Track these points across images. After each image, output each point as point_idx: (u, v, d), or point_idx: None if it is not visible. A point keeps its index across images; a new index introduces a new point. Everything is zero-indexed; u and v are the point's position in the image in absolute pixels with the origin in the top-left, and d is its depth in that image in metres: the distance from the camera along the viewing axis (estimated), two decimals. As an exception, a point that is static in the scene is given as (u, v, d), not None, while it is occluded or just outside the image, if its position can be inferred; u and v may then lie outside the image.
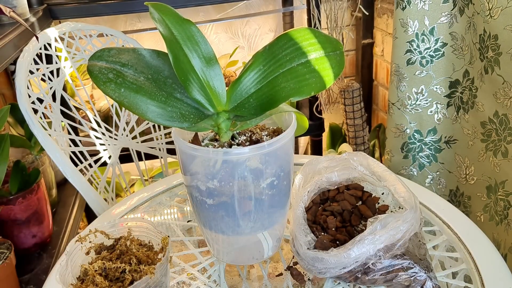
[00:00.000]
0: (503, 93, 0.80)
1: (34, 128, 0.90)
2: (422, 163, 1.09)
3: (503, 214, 0.86)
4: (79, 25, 1.14)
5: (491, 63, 0.81)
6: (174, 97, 0.53)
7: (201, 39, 0.52)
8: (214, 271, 0.65)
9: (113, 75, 0.52)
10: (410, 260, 0.55)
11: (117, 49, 0.54)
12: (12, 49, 0.96)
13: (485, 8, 0.79)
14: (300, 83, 0.52)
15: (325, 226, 0.63)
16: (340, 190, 0.68)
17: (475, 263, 0.62)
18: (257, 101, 0.53)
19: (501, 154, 0.85)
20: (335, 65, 0.52)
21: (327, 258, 0.54)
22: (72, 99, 1.13)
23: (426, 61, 0.98)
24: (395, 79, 1.03)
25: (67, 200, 1.20)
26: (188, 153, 0.51)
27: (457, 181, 1.03)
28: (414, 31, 0.95)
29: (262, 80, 0.53)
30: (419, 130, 1.06)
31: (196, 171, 0.54)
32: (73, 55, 1.12)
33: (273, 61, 0.53)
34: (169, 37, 0.50)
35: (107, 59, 0.53)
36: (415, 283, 0.55)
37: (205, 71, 0.52)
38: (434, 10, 0.92)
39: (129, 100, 0.51)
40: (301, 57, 0.53)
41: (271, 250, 0.63)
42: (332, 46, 0.53)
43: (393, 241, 0.54)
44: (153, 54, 0.54)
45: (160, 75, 0.54)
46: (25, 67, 0.96)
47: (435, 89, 1.00)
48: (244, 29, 1.66)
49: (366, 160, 0.65)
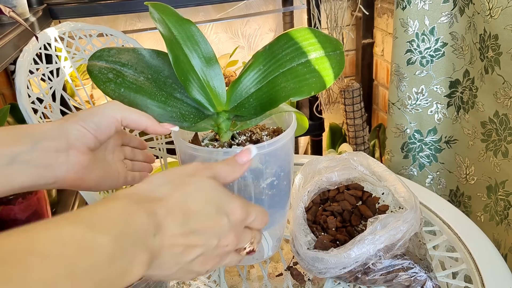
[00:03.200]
0: (503, 93, 0.80)
1: (34, 128, 0.90)
2: (422, 163, 1.09)
3: (503, 214, 0.86)
4: (79, 25, 1.14)
5: (492, 63, 0.81)
6: (174, 97, 0.53)
7: (201, 39, 0.52)
8: (214, 271, 0.65)
9: (113, 75, 0.52)
10: (410, 260, 0.55)
11: (116, 49, 0.54)
12: (11, 49, 0.96)
13: (485, 8, 0.79)
14: (300, 83, 0.52)
15: (325, 226, 0.63)
16: (340, 190, 0.68)
17: (475, 263, 0.62)
18: (257, 101, 0.53)
19: (501, 154, 0.85)
20: (335, 65, 0.52)
21: (327, 258, 0.54)
22: (72, 99, 1.13)
23: (426, 61, 0.98)
24: (395, 79, 1.03)
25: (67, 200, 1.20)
26: (189, 153, 0.51)
27: (457, 181, 1.03)
28: (414, 31, 0.95)
29: (262, 80, 0.53)
30: (419, 130, 1.06)
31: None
32: (73, 55, 1.12)
33: (273, 61, 0.53)
34: (169, 37, 0.50)
35: (107, 59, 0.53)
36: (415, 283, 0.55)
37: (205, 71, 0.52)
38: (434, 10, 0.92)
39: (129, 100, 0.51)
40: (301, 57, 0.53)
41: (271, 250, 0.63)
42: (332, 46, 0.53)
43: (393, 241, 0.54)
44: (153, 54, 0.54)
45: (160, 75, 0.54)
46: (25, 67, 0.96)
47: (435, 89, 1.00)
48: (244, 29, 1.66)
49: (366, 160, 0.65)
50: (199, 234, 0.34)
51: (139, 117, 0.44)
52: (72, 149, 0.42)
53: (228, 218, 0.36)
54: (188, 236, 0.34)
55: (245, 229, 0.39)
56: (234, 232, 0.37)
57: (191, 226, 0.34)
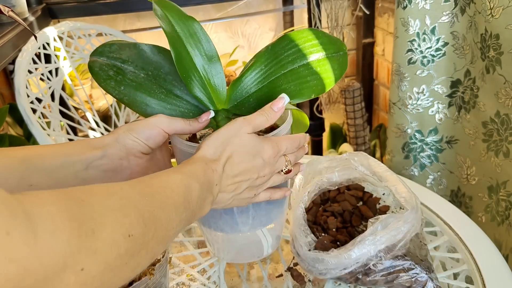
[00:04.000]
0: (505, 93, 0.80)
1: (33, 128, 0.90)
2: (423, 163, 1.09)
3: (504, 215, 0.85)
4: (78, 24, 1.13)
5: (493, 63, 0.81)
6: (174, 94, 0.53)
7: (204, 36, 0.52)
8: (213, 272, 0.64)
9: (114, 72, 0.52)
10: (411, 261, 0.55)
11: (118, 44, 0.54)
12: (10, 48, 0.96)
13: (487, 7, 0.79)
14: (301, 85, 0.52)
15: (326, 226, 0.62)
16: (340, 191, 0.68)
17: (477, 264, 0.61)
18: (256, 101, 0.53)
19: (502, 154, 0.84)
20: (337, 67, 0.53)
21: (327, 259, 0.54)
22: (71, 98, 1.13)
23: (427, 60, 0.97)
24: (396, 78, 1.03)
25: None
26: (187, 151, 0.51)
27: (458, 182, 1.03)
28: (415, 30, 0.95)
29: (263, 81, 0.54)
30: (420, 130, 1.05)
31: None
32: (72, 55, 1.12)
33: (275, 61, 0.53)
34: (172, 33, 0.50)
35: (108, 55, 0.53)
36: (416, 284, 0.54)
37: (206, 69, 0.52)
38: (435, 9, 0.92)
39: (129, 98, 0.51)
40: (303, 58, 0.53)
41: (271, 248, 0.62)
42: (336, 47, 0.54)
43: (394, 241, 0.54)
44: (154, 50, 0.54)
45: (160, 71, 0.53)
46: (24, 67, 0.96)
47: (436, 89, 0.99)
48: (244, 28, 1.66)
49: (367, 160, 0.65)
50: (242, 175, 0.48)
51: (183, 127, 0.51)
52: (130, 155, 0.50)
53: (262, 158, 0.49)
54: (235, 178, 0.48)
55: (281, 157, 0.51)
56: (269, 165, 0.50)
57: (236, 172, 0.47)
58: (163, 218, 0.37)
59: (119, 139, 0.49)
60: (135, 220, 0.33)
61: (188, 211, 0.41)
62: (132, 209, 0.34)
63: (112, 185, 0.35)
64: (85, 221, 0.29)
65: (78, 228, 0.28)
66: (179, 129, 0.51)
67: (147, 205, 0.35)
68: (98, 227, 0.29)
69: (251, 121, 0.49)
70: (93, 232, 0.29)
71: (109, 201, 0.32)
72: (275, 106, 0.50)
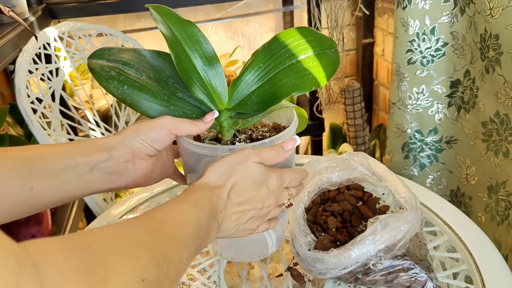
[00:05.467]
0: (504, 93, 0.80)
1: (33, 128, 0.90)
2: (423, 163, 1.09)
3: (504, 215, 0.85)
4: (79, 24, 1.14)
5: (492, 63, 0.81)
6: (176, 96, 0.53)
7: (202, 39, 0.52)
8: (214, 271, 0.64)
9: (115, 73, 0.52)
10: (411, 260, 0.55)
11: (117, 48, 0.54)
12: (11, 48, 0.96)
13: (486, 7, 0.79)
14: (300, 78, 0.53)
15: (326, 226, 0.62)
16: (340, 191, 0.68)
17: (476, 264, 0.61)
18: (259, 98, 0.53)
19: (502, 154, 0.84)
20: (332, 61, 0.54)
21: (327, 258, 0.54)
22: (71, 99, 1.13)
23: (427, 60, 0.97)
24: (395, 78, 1.03)
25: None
26: (194, 151, 0.51)
27: (458, 181, 1.03)
28: (415, 30, 0.95)
29: (263, 77, 0.54)
30: (420, 130, 1.05)
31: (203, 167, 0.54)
32: (72, 55, 1.12)
33: (273, 58, 0.54)
34: (171, 37, 0.50)
35: (108, 58, 0.53)
36: (416, 283, 0.54)
37: (206, 70, 0.52)
38: (435, 10, 0.92)
39: (132, 98, 0.51)
40: (300, 54, 0.54)
41: (275, 246, 0.62)
42: (328, 44, 0.55)
43: (393, 241, 0.54)
44: (154, 55, 0.54)
45: (162, 75, 0.54)
46: (24, 67, 0.96)
47: (436, 89, 1.00)
48: (244, 29, 1.66)
49: (366, 160, 0.65)
50: (247, 203, 0.47)
51: (190, 128, 0.50)
52: (136, 158, 0.50)
53: (267, 188, 0.48)
54: (240, 206, 0.47)
55: (284, 190, 0.51)
56: (273, 196, 0.49)
57: (242, 200, 0.47)
58: (174, 256, 0.35)
59: (126, 141, 0.48)
60: (147, 262, 0.31)
61: (197, 242, 0.40)
62: (143, 250, 0.32)
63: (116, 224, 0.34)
64: (94, 269, 0.27)
65: (88, 278, 0.26)
66: (187, 130, 0.50)
67: (158, 244, 0.34)
68: (109, 274, 0.28)
69: (259, 153, 0.48)
70: (104, 280, 0.27)
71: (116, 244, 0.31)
72: (286, 146, 0.50)
